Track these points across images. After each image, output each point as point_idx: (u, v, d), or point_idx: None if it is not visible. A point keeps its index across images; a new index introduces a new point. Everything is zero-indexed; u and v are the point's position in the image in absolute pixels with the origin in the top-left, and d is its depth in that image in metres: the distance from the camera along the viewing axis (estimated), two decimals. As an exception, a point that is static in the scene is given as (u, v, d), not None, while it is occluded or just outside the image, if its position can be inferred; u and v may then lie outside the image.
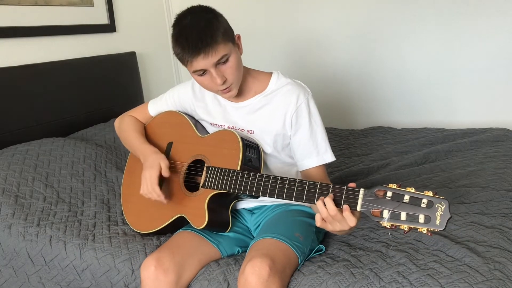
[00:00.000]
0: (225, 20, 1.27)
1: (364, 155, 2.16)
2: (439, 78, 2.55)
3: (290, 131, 1.34)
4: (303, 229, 1.31)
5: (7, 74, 1.98)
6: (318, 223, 1.08)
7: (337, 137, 2.45)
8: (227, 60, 1.24)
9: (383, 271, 1.17)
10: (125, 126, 1.55)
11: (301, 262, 1.24)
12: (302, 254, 1.24)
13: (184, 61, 1.24)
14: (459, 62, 2.48)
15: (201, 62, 1.21)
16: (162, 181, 1.43)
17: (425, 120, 2.61)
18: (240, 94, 1.37)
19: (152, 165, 1.34)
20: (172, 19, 1.28)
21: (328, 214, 1.05)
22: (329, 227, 1.08)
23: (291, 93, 1.33)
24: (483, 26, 2.38)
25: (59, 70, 2.21)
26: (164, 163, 1.34)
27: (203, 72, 1.25)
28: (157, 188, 1.31)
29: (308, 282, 1.18)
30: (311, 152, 1.33)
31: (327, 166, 1.37)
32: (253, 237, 1.39)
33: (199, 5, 1.29)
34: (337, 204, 1.05)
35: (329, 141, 1.37)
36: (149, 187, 1.32)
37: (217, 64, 1.23)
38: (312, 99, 1.35)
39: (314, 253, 1.30)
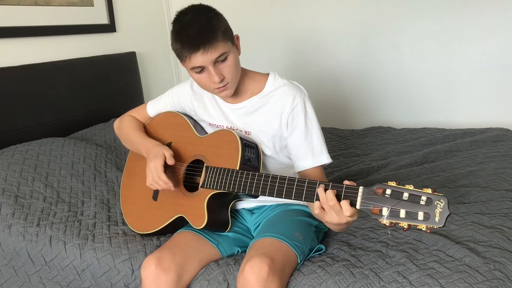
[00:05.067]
0: (225, 20, 1.28)
1: (364, 155, 2.16)
2: (439, 78, 2.55)
3: (286, 132, 1.34)
4: (302, 229, 1.31)
5: (7, 74, 1.99)
6: (317, 210, 1.08)
7: (337, 137, 2.45)
8: (225, 59, 1.24)
9: (383, 271, 1.17)
10: (125, 125, 1.55)
11: (300, 261, 1.24)
12: (302, 253, 1.24)
13: (182, 57, 1.24)
14: (459, 62, 2.48)
15: (200, 58, 1.21)
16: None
17: (425, 120, 2.60)
18: (237, 95, 1.36)
19: (156, 155, 1.33)
20: (172, 19, 1.28)
21: (326, 202, 1.05)
22: (327, 217, 1.08)
23: (287, 94, 1.33)
24: (483, 26, 2.38)
25: (59, 70, 2.21)
26: (168, 152, 1.34)
27: (201, 69, 1.25)
28: (163, 176, 1.30)
29: (308, 282, 1.18)
30: (306, 154, 1.33)
31: (327, 166, 1.37)
32: (253, 237, 1.39)
33: (200, 4, 1.29)
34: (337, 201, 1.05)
35: (329, 141, 1.37)
36: (154, 176, 1.31)
37: (216, 62, 1.23)
38: (308, 100, 1.34)
39: (314, 252, 1.30)
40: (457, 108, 2.55)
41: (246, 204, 1.45)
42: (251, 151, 1.29)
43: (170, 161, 1.33)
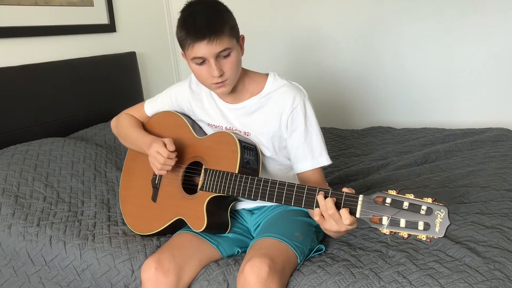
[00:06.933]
0: (234, 18, 1.27)
1: (364, 155, 2.16)
2: (439, 78, 2.55)
3: (286, 133, 1.33)
4: (302, 229, 1.31)
5: (7, 74, 1.99)
6: (316, 217, 1.08)
7: (337, 137, 2.44)
8: (228, 55, 1.23)
9: (383, 271, 1.17)
10: (123, 123, 1.53)
11: (300, 262, 1.24)
12: (302, 253, 1.24)
13: (186, 45, 1.22)
14: (459, 62, 2.48)
15: (203, 49, 1.20)
16: (160, 182, 1.43)
17: (425, 120, 2.60)
18: (236, 95, 1.36)
19: (155, 141, 1.32)
20: (172, 19, 1.28)
21: (326, 210, 1.05)
22: (326, 225, 1.08)
23: (287, 95, 1.32)
24: (483, 26, 2.38)
25: (59, 70, 2.21)
26: (167, 139, 1.32)
27: (202, 61, 1.23)
28: (171, 154, 1.29)
29: (308, 282, 1.18)
30: (306, 155, 1.32)
31: (327, 166, 1.37)
32: (253, 237, 1.39)
33: None
34: (336, 208, 1.05)
35: (329, 141, 1.37)
36: (160, 160, 1.29)
37: (218, 56, 1.22)
38: (308, 101, 1.33)
39: (314, 253, 1.30)
40: (457, 108, 2.55)
41: (246, 204, 1.45)
42: (250, 154, 1.28)
43: (171, 147, 1.30)
